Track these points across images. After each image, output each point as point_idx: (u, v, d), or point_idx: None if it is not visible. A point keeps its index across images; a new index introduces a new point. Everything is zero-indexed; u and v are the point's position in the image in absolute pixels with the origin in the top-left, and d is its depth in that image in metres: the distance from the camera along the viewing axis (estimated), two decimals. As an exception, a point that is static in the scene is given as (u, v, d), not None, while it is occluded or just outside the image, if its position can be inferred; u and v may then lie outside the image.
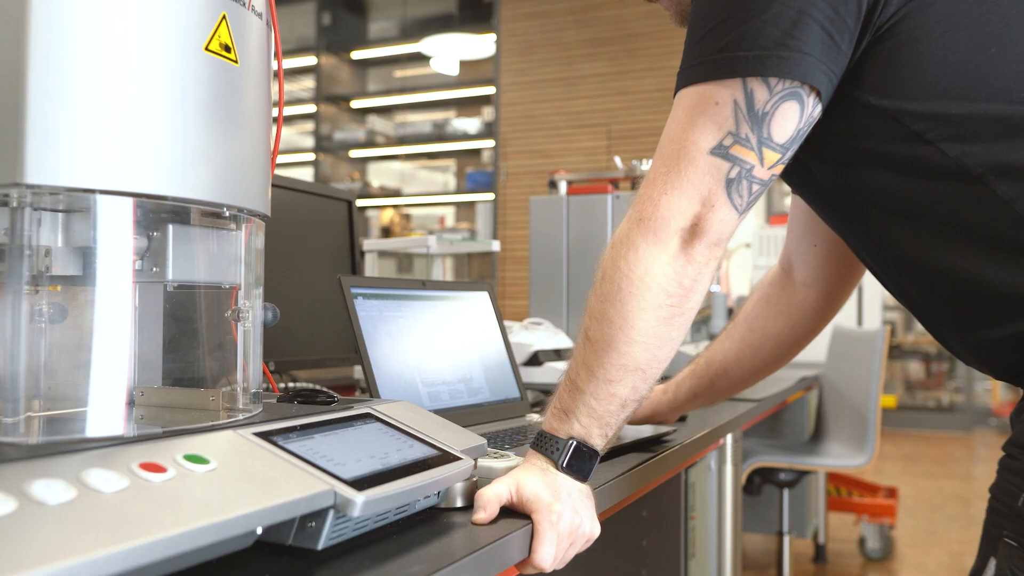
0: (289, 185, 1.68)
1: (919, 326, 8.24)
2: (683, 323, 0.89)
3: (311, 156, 7.02)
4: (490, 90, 6.57)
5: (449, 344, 1.40)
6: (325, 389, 1.70)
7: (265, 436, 0.74)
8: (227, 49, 0.77)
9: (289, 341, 1.63)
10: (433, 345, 1.37)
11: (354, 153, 7.12)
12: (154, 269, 0.79)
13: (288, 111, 7.29)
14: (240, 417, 0.85)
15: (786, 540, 2.96)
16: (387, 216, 6.97)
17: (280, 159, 7.60)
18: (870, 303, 3.81)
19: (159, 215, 0.80)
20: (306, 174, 6.95)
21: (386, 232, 6.87)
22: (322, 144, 6.99)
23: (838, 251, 1.25)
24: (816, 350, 3.40)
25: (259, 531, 0.62)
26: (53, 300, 0.80)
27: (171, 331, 0.90)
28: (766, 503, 3.26)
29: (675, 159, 0.87)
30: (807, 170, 0.97)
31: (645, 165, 2.36)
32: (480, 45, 6.61)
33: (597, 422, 0.90)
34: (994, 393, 7.75)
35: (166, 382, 0.91)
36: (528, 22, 6.41)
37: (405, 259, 6.67)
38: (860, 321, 3.79)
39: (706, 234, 0.87)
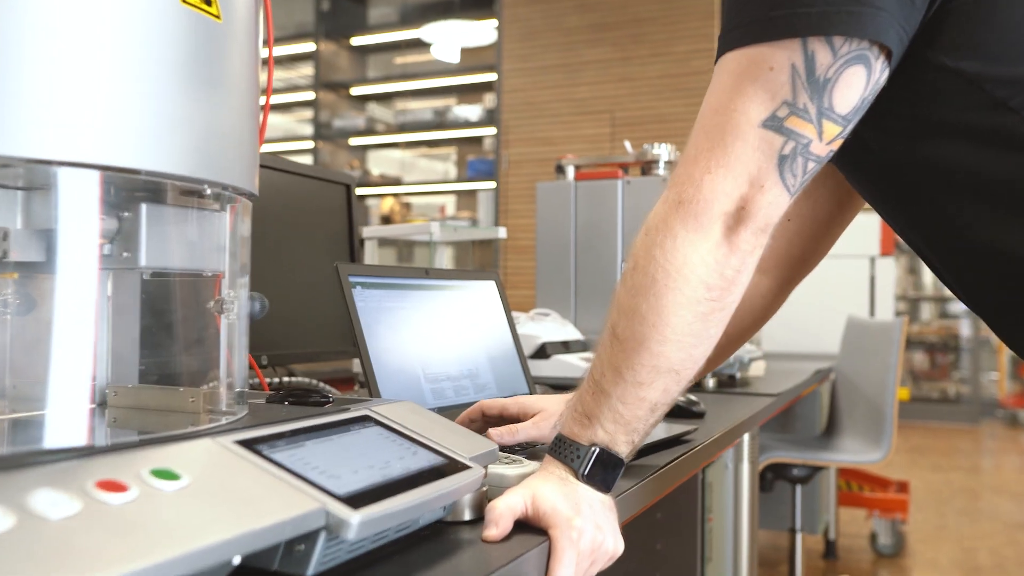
0: (285, 167, 1.58)
1: (923, 315, 8.18)
2: (722, 319, 0.80)
3: (310, 144, 6.91)
4: (491, 77, 6.46)
5: (454, 336, 1.31)
6: (321, 384, 1.61)
7: (248, 444, 0.64)
8: (207, 2, 0.68)
9: (284, 333, 1.54)
10: (437, 338, 1.27)
11: (353, 141, 7.01)
12: (125, 254, 0.70)
13: (286, 98, 7.17)
14: (223, 420, 0.76)
15: (798, 538, 2.88)
16: (387, 205, 6.87)
17: (278, 147, 7.44)
18: (882, 293, 3.72)
19: (131, 192, 0.70)
20: (305, 162, 6.83)
21: (386, 221, 6.76)
22: (321, 132, 6.88)
23: (811, 229, 1.14)
24: (829, 341, 3.31)
25: (237, 560, 0.53)
26: (12, 289, 0.71)
27: (147, 324, 0.81)
28: (776, 499, 3.17)
29: (720, 132, 0.77)
30: (862, 144, 0.86)
31: (656, 149, 2.26)
32: (481, 31, 6.49)
33: (623, 428, 0.81)
34: (1000, 384, 7.67)
35: (142, 380, 0.82)
36: (530, 7, 6.29)
37: (406, 248, 6.57)
38: (872, 311, 3.70)
39: (753, 219, 0.77)
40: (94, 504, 0.50)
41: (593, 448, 0.81)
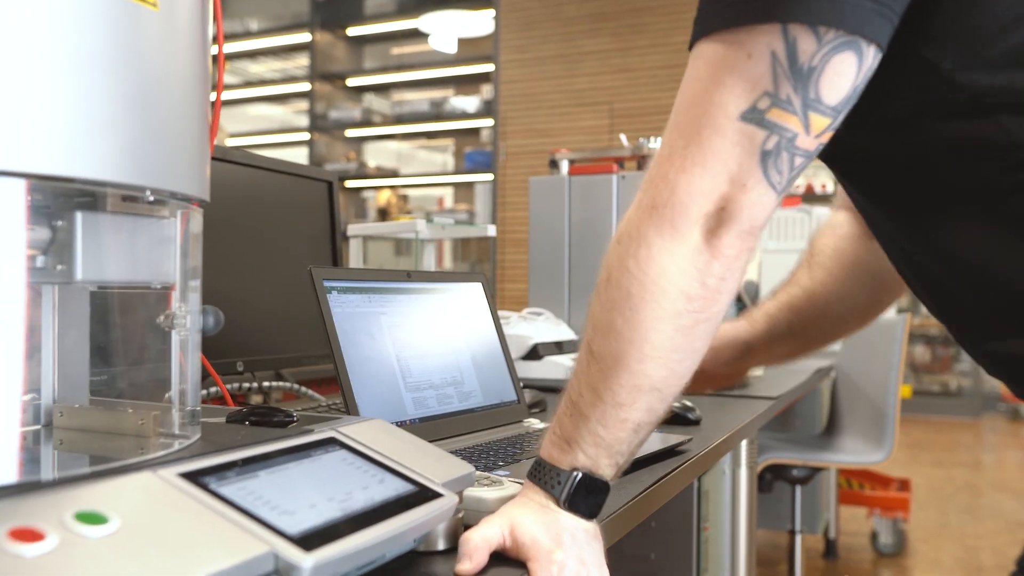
0: (264, 165, 1.52)
1: (924, 308, 8.13)
2: (707, 330, 0.73)
3: (306, 136, 6.84)
4: (489, 68, 6.38)
5: (437, 343, 1.25)
6: (303, 389, 1.55)
7: (193, 478, 0.59)
8: (145, -9, 0.62)
9: (264, 337, 1.48)
10: (419, 344, 1.22)
11: (350, 132, 6.93)
12: (59, 267, 0.64)
13: (282, 89, 7.10)
14: (176, 446, 0.70)
15: (798, 539, 2.83)
16: (384, 197, 6.80)
17: (274, 139, 7.33)
18: (884, 289, 3.66)
19: (64, 199, 0.64)
20: (300, 154, 6.77)
21: (383, 214, 6.69)
22: (317, 123, 6.80)
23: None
24: (829, 339, 3.24)
25: (167, 618, 0.48)
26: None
27: (96, 340, 0.75)
28: (776, 498, 3.12)
29: (695, 128, 0.70)
30: (837, 139, 0.79)
31: (652, 143, 2.20)
32: (479, 21, 6.41)
33: (606, 451, 0.74)
34: (1002, 378, 7.60)
35: (91, 399, 0.77)
36: (528, -3, 6.22)
37: (404, 243, 6.50)
38: (874, 307, 3.64)
39: (735, 220, 0.69)
40: (3, 558, 0.45)
41: (575, 473, 0.75)
